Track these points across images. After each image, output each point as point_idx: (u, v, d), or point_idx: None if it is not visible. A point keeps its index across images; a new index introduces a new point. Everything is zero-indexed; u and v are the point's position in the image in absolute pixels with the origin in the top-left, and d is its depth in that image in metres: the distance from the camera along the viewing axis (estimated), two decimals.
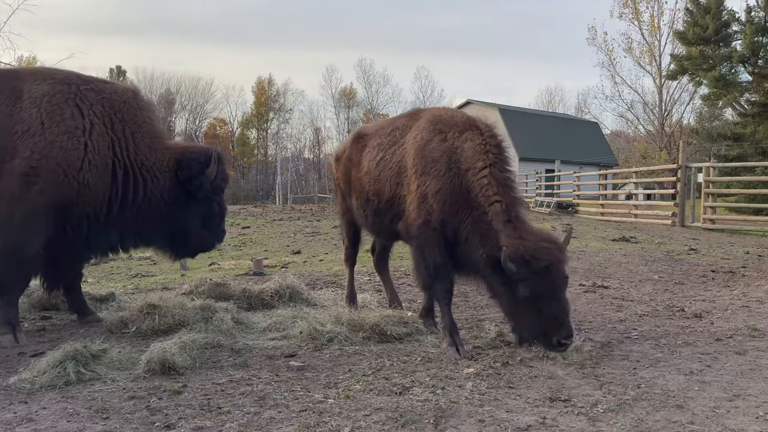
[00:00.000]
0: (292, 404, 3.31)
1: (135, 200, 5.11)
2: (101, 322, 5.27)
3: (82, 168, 4.83)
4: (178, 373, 3.83)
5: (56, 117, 4.81)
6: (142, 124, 5.21)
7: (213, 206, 5.49)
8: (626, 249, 11.02)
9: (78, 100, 4.93)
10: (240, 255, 11.55)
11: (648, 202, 22.92)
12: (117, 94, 5.16)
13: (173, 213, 5.27)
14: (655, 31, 50.95)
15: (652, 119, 53.85)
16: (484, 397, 3.42)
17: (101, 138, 4.95)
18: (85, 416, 3.14)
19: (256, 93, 73.34)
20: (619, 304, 6.25)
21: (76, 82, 5.03)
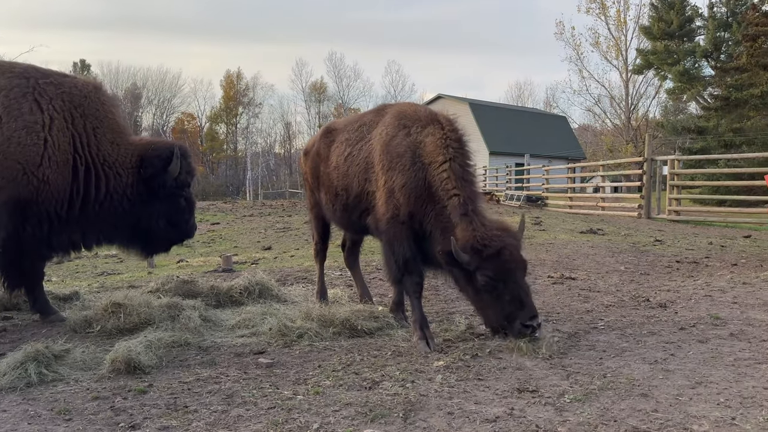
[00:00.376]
0: (261, 402, 3.28)
1: (97, 197, 5.00)
2: (65, 322, 5.15)
3: (41, 164, 4.70)
4: (144, 373, 3.76)
5: (14, 112, 4.67)
6: (104, 119, 5.09)
7: (179, 202, 5.41)
8: (594, 241, 11.21)
9: (37, 95, 4.79)
10: (209, 252, 11.41)
11: (615, 194, 23.35)
12: (77, 89, 5.03)
13: (137, 210, 5.19)
14: (622, 26, 51.87)
15: (619, 113, 54.85)
16: (453, 390, 3.44)
17: (61, 133, 4.82)
18: (47, 418, 3.06)
19: (225, 87, 72.44)
20: (587, 295, 6.35)
21: (34, 75, 4.89)
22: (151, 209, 5.25)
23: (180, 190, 5.36)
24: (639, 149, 42.40)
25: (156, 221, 5.31)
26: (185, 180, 5.39)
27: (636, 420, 2.97)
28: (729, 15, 36.08)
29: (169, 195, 5.29)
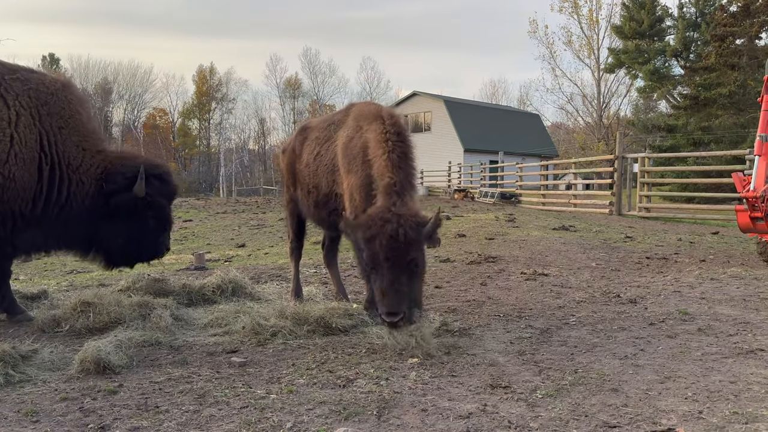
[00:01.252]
0: (233, 401, 3.25)
1: (58, 200, 4.86)
2: (32, 321, 5.03)
3: (7, 161, 4.59)
4: (114, 373, 3.70)
5: None
6: (70, 119, 4.94)
7: (146, 222, 5.14)
8: (566, 237, 11.35)
9: (3, 90, 4.67)
10: (181, 249, 11.26)
11: (587, 191, 23.65)
12: (44, 85, 4.89)
13: (96, 222, 4.99)
14: (594, 25, 52.53)
15: (591, 111, 55.58)
16: (427, 387, 3.45)
17: (28, 130, 4.70)
18: (14, 420, 2.99)
19: (197, 82, 71.54)
20: (558, 291, 6.43)
21: (1, 71, 4.76)
22: (111, 225, 5.01)
23: (148, 210, 5.10)
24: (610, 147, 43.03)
25: (115, 238, 5.07)
26: (157, 201, 5.14)
27: (606, 415, 3.02)
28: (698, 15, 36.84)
29: (134, 214, 5.04)
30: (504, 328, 4.84)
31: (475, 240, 10.88)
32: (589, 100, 55.63)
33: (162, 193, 5.21)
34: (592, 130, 54.62)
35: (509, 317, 5.23)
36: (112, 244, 5.09)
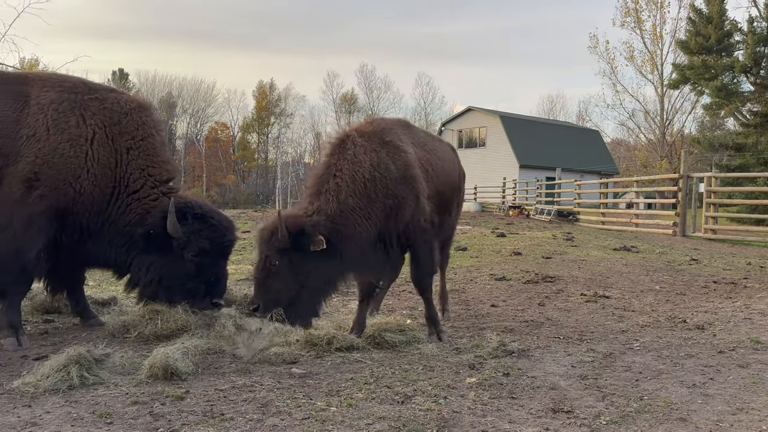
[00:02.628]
0: (295, 412, 3.31)
1: (108, 217, 4.96)
2: (104, 326, 5.28)
3: (80, 176, 4.85)
4: (181, 379, 3.83)
5: (61, 125, 4.83)
6: (141, 141, 5.08)
7: (184, 265, 4.93)
8: (627, 258, 11.03)
9: (83, 109, 4.94)
10: (241, 260, 11.54)
11: (649, 211, 22.93)
12: (119, 105, 5.09)
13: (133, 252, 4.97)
14: (657, 40, 51.12)
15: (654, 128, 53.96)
16: (486, 408, 3.42)
17: (102, 148, 4.94)
18: (89, 421, 3.14)
19: (258, 97, 73.49)
20: (621, 315, 6.26)
21: (82, 90, 5.04)
22: (145, 258, 4.95)
23: (187, 253, 4.92)
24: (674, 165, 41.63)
25: (147, 273, 4.97)
26: (197, 244, 4.92)
27: None
28: None
29: (170, 254, 4.90)
30: (564, 350, 4.75)
31: (532, 258, 10.71)
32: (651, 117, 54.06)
33: (204, 235, 4.95)
34: (654, 147, 52.99)
35: (570, 340, 5.13)
36: (143, 277, 5.00)
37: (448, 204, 5.54)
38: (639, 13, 51.31)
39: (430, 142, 5.55)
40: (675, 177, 19.30)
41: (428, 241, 5.02)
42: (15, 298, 4.83)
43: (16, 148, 4.72)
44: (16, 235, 4.65)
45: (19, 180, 4.68)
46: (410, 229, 4.87)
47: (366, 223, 4.66)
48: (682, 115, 54.21)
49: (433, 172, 5.15)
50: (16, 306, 4.84)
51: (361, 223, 4.64)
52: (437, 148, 5.54)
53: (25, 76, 5.37)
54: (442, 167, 5.38)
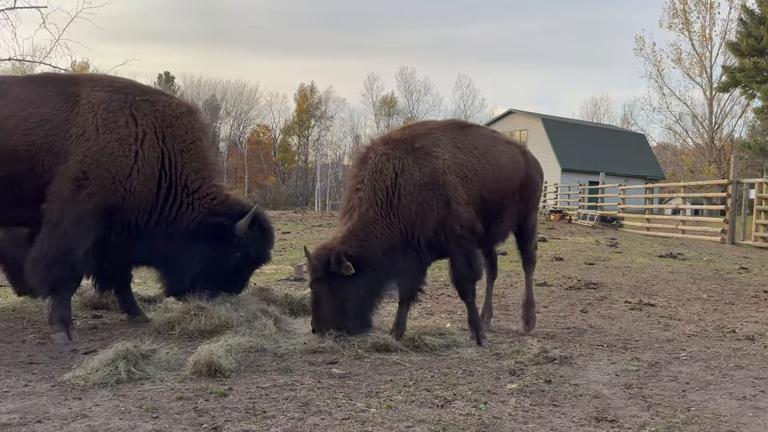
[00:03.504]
0: (335, 412, 3.34)
1: (168, 218, 5.17)
2: (149, 323, 5.42)
3: (130, 175, 4.99)
4: (224, 376, 3.90)
5: (110, 124, 4.98)
6: (192, 144, 5.27)
7: (228, 260, 5.30)
8: (673, 266, 10.73)
9: (133, 110, 5.09)
10: (281, 260, 11.69)
11: (696, 217, 22.22)
12: (170, 108, 5.26)
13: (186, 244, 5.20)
14: (707, 42, 49.55)
15: (702, 132, 52.29)
16: (528, 414, 3.38)
17: (152, 149, 5.08)
18: (136, 415, 3.23)
19: (299, 100, 74.27)
20: (667, 323, 6.10)
21: (132, 91, 5.20)
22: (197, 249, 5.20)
23: (236, 251, 5.28)
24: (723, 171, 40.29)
25: (194, 261, 5.24)
26: (248, 248, 5.31)
27: None
28: None
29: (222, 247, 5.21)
30: (608, 358, 4.65)
31: (574, 264, 10.52)
32: (699, 121, 52.40)
33: (257, 244, 5.37)
34: (702, 152, 51.37)
35: (613, 348, 5.02)
36: (189, 268, 5.24)
37: (499, 209, 5.27)
38: (687, 15, 49.83)
39: (486, 145, 5.26)
40: (724, 183, 18.68)
41: (464, 247, 4.95)
42: (65, 294, 5.00)
43: (66, 147, 4.88)
44: (66, 233, 4.82)
45: (68, 178, 4.84)
46: (443, 235, 4.86)
47: (388, 231, 4.74)
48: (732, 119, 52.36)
49: (476, 177, 5.03)
50: (66, 302, 5.01)
51: (383, 233, 4.73)
52: (491, 152, 5.23)
53: (76, 77, 5.57)
54: (492, 172, 5.15)
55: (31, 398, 3.46)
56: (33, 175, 4.86)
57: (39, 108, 4.94)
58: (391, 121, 73.11)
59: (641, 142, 50.48)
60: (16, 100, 4.97)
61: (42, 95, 5.01)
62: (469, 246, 4.99)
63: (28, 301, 6.42)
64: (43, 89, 5.07)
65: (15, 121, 4.87)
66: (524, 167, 5.54)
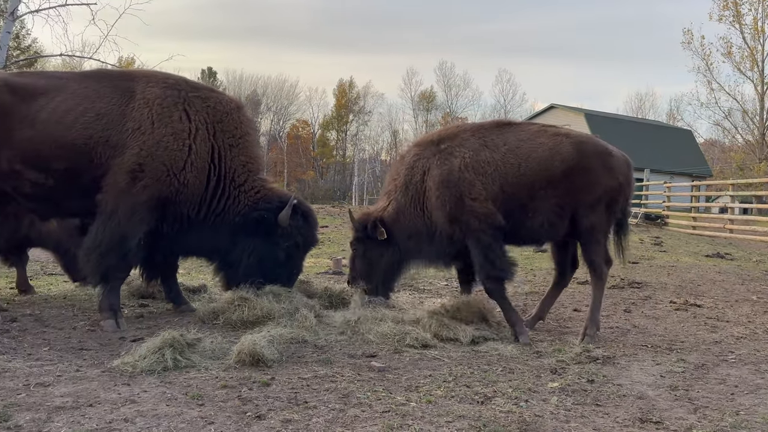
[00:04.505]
0: (375, 404, 3.36)
1: (216, 210, 5.32)
2: (194, 312, 5.55)
3: (184, 168, 5.12)
4: (267, 366, 3.97)
5: (165, 119, 5.12)
6: (240, 139, 5.42)
7: (278, 252, 5.42)
8: (721, 266, 10.42)
9: (186, 105, 5.22)
10: (319, 254, 11.80)
11: (745, 216, 21.49)
12: (221, 104, 5.41)
13: (237, 237, 5.36)
14: (759, 35, 47.63)
15: (752, 129, 50.41)
16: (570, 413, 3.34)
17: (203, 143, 5.23)
18: (182, 402, 3.32)
19: (338, 95, 74.61)
20: (714, 325, 5.93)
21: (185, 88, 5.34)
22: (248, 243, 5.35)
23: (283, 242, 5.42)
24: None
25: (246, 256, 5.37)
26: (294, 236, 5.45)
27: None
28: None
29: (269, 240, 5.35)
30: (653, 359, 4.55)
31: (617, 263, 10.28)
32: (750, 117, 50.50)
33: (302, 232, 5.51)
34: (752, 149, 49.52)
35: (658, 349, 4.91)
36: (239, 262, 5.40)
37: (527, 202, 5.12)
38: (738, 7, 47.96)
39: (520, 140, 5.24)
40: None
41: (482, 241, 5.05)
42: (115, 282, 5.16)
43: (122, 140, 5.04)
44: (119, 223, 4.98)
45: (124, 171, 5.00)
46: (458, 229, 5.13)
47: (414, 219, 5.37)
48: None
49: (497, 172, 5.12)
50: (116, 290, 5.17)
51: (410, 219, 5.39)
52: (523, 147, 5.19)
53: (130, 73, 5.73)
54: (518, 165, 5.13)
55: (83, 383, 3.59)
56: (90, 167, 5.03)
57: (95, 103, 5.10)
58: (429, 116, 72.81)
59: (688, 138, 49.02)
60: (74, 95, 5.14)
61: (98, 90, 5.18)
62: (488, 240, 5.05)
63: (79, 289, 6.66)
64: (99, 84, 5.24)
65: (73, 115, 5.05)
66: (572, 158, 5.15)
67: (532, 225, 5.20)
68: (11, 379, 3.62)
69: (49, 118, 5.03)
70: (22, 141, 5.02)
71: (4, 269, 7.07)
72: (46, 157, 5.01)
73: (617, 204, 5.29)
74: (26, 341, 4.56)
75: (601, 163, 5.19)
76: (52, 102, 5.09)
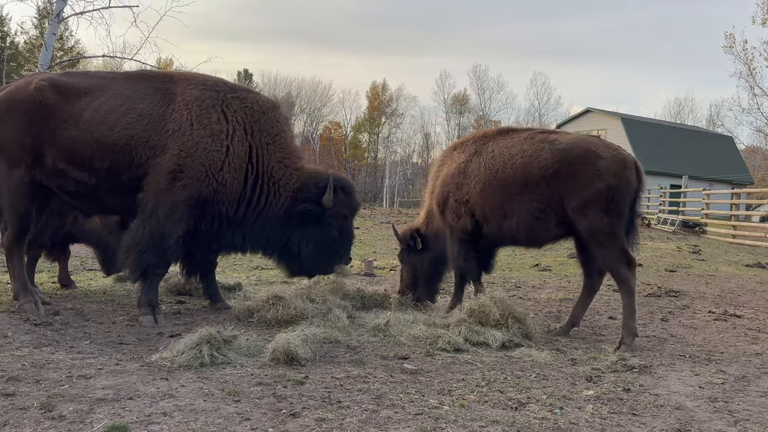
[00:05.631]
0: (408, 406, 3.37)
1: (257, 206, 5.42)
2: (229, 310, 5.64)
3: (222, 168, 5.22)
4: (300, 365, 4.01)
5: (204, 120, 5.23)
6: (276, 136, 5.52)
7: (331, 231, 5.59)
8: (762, 276, 10.13)
9: (224, 107, 5.33)
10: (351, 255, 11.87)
11: None
12: (258, 104, 5.52)
13: (286, 230, 5.50)
14: None
15: None
16: (605, 422, 3.29)
17: (240, 143, 5.32)
18: (219, 397, 3.38)
19: (370, 98, 74.82)
20: (755, 336, 5.76)
21: (224, 89, 5.45)
22: (299, 234, 5.51)
23: (333, 220, 5.57)
24: None
25: (304, 245, 5.53)
26: (341, 212, 5.61)
27: None
28: None
29: (320, 223, 5.50)
30: (691, 370, 4.45)
31: (654, 271, 10.12)
32: None
33: (346, 205, 5.65)
34: None
35: (696, 359, 4.80)
36: (298, 252, 5.54)
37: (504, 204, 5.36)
38: None
39: (506, 146, 5.48)
40: None
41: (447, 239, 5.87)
42: (154, 279, 5.28)
43: (162, 141, 5.16)
44: (159, 222, 5.10)
45: (165, 171, 5.11)
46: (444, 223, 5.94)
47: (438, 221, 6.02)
48: None
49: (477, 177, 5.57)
50: (154, 287, 5.29)
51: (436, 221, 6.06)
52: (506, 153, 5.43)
53: (171, 74, 5.86)
54: (496, 171, 5.43)
55: (122, 376, 3.68)
56: (131, 167, 5.18)
57: (137, 104, 5.24)
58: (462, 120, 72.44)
59: (728, 144, 47.75)
60: (116, 95, 5.29)
61: (140, 91, 5.32)
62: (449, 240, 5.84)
63: (117, 284, 6.83)
64: (141, 85, 5.38)
65: (116, 116, 5.19)
66: (551, 164, 5.16)
67: (510, 226, 5.39)
68: (54, 370, 3.74)
69: (92, 117, 5.18)
70: (67, 140, 5.18)
71: (46, 264, 7.30)
72: (89, 156, 5.16)
73: (617, 205, 5.03)
74: (68, 334, 4.70)
75: (586, 167, 5.08)
76: (96, 102, 5.24)
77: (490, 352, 4.67)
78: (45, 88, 5.24)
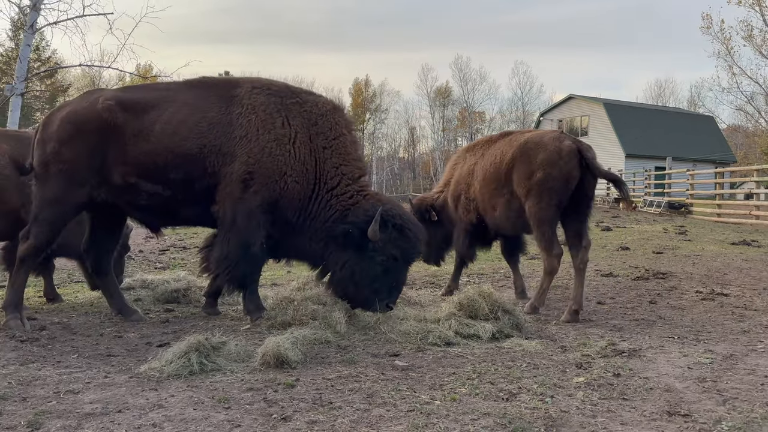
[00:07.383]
0: (400, 404, 3.37)
1: (309, 213, 5.27)
2: (219, 316, 5.60)
3: (286, 173, 5.19)
4: (291, 367, 4.00)
5: (268, 125, 5.21)
6: (334, 140, 5.36)
7: (372, 266, 5.10)
8: (747, 253, 10.24)
9: (286, 111, 5.29)
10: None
11: None
12: (317, 107, 5.44)
13: (330, 246, 5.21)
14: None
15: None
16: (596, 408, 3.31)
17: (303, 147, 5.27)
18: (209, 405, 3.36)
19: (353, 95, 74.69)
20: (742, 314, 5.83)
21: (286, 94, 5.42)
22: (341, 254, 5.16)
23: (377, 255, 5.08)
24: None
25: (338, 267, 5.19)
26: (389, 251, 5.09)
27: None
28: None
29: (362, 253, 5.09)
30: (679, 351, 4.49)
31: (641, 253, 10.19)
32: None
33: (397, 245, 5.11)
34: None
35: (685, 340, 4.84)
36: (335, 273, 5.24)
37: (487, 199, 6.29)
38: None
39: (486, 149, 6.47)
40: None
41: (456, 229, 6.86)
42: (253, 286, 5.36)
43: (231, 149, 5.15)
44: (240, 231, 5.12)
45: (237, 179, 5.12)
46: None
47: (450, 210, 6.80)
48: None
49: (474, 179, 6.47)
50: (256, 292, 5.43)
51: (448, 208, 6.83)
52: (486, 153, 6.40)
53: (236, 80, 5.69)
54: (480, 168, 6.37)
55: (111, 389, 3.64)
56: (204, 176, 5.16)
57: (207, 112, 5.22)
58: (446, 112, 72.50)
59: (710, 124, 48.21)
60: (185, 105, 5.25)
61: (207, 99, 5.29)
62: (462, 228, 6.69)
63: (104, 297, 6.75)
64: (208, 93, 5.34)
65: (188, 126, 5.16)
66: (512, 157, 5.92)
67: (498, 217, 6.21)
68: (41, 387, 3.69)
69: (164, 129, 5.15)
70: (138, 155, 5.13)
71: (31, 278, 7.21)
72: (163, 168, 5.13)
73: (550, 194, 5.56)
74: (55, 349, 4.65)
75: (529, 159, 5.74)
76: (165, 114, 5.20)
77: (481, 344, 4.69)
78: (113, 107, 5.18)
